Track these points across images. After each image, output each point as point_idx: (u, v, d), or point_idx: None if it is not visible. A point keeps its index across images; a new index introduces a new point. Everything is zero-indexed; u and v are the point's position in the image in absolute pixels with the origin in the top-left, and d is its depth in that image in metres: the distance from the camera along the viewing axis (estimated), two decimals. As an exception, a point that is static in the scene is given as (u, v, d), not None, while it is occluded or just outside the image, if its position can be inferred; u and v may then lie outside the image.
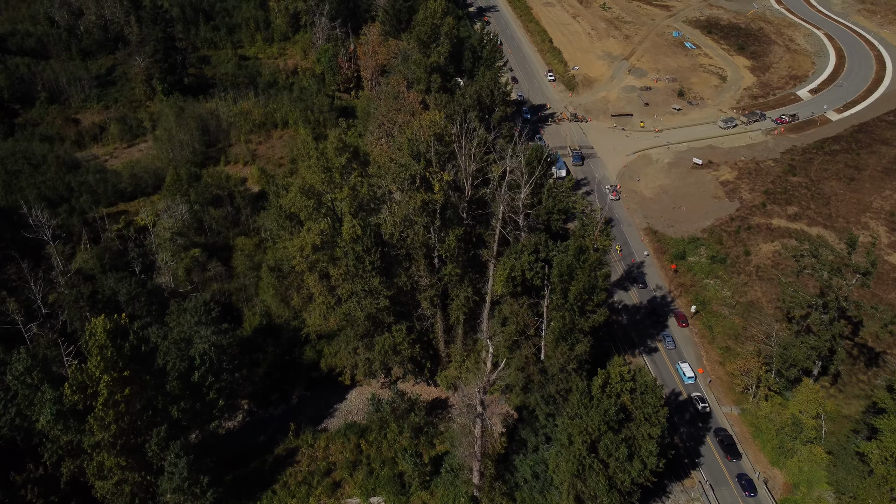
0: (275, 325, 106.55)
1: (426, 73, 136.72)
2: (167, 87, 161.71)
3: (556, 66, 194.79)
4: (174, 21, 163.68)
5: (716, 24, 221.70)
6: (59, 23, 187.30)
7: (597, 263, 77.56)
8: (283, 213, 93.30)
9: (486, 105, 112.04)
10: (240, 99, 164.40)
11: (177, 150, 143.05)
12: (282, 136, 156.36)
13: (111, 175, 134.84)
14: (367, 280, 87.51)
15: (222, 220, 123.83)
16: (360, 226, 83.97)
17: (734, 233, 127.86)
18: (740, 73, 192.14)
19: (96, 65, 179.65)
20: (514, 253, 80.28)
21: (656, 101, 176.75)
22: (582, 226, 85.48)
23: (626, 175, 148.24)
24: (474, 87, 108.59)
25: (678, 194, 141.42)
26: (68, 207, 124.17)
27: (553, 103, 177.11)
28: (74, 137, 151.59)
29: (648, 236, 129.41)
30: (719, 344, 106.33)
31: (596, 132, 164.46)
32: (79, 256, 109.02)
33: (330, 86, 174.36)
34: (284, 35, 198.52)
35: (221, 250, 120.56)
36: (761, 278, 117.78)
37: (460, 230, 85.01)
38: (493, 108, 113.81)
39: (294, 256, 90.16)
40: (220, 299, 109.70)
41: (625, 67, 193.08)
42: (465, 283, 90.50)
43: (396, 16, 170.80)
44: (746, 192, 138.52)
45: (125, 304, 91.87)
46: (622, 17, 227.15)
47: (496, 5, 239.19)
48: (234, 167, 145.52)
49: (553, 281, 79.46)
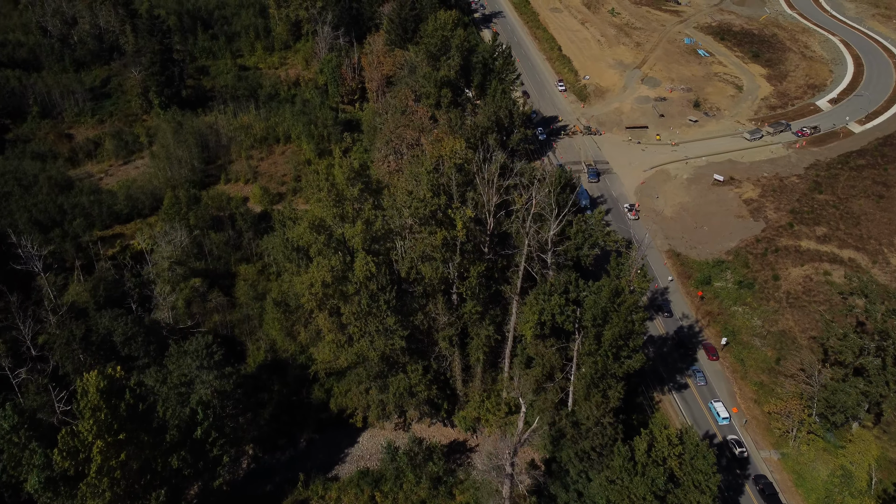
0: (280, 361, 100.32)
1: (436, 88, 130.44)
2: (164, 101, 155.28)
3: (567, 75, 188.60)
4: (171, 32, 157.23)
5: (728, 30, 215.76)
6: (52, 32, 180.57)
7: (633, 307, 71.46)
8: (289, 246, 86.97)
9: (504, 126, 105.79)
10: (240, 112, 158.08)
11: (175, 168, 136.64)
12: (284, 152, 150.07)
13: (106, 196, 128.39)
14: (382, 319, 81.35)
15: (223, 245, 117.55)
16: (374, 263, 77.77)
17: (761, 255, 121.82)
18: (756, 81, 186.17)
19: (90, 76, 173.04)
20: (543, 294, 74.15)
21: (671, 113, 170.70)
22: (617, 265, 79.36)
23: (644, 192, 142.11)
24: (492, 108, 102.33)
25: (699, 213, 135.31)
26: (61, 232, 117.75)
27: (565, 115, 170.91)
28: (68, 154, 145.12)
29: (671, 259, 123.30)
30: (752, 379, 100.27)
31: (610, 146, 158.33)
32: (71, 288, 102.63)
33: (333, 97, 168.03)
34: (285, 43, 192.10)
35: (223, 277, 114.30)
36: (792, 306, 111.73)
37: (482, 266, 78.88)
38: (511, 129, 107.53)
39: (302, 294, 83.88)
40: (221, 332, 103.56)
41: (637, 76, 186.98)
42: (486, 322, 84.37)
43: (402, 25, 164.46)
44: (771, 211, 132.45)
45: (121, 345, 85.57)
46: (632, 23, 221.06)
47: (502, 11, 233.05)
48: (234, 186, 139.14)
49: (585, 324, 73.37)
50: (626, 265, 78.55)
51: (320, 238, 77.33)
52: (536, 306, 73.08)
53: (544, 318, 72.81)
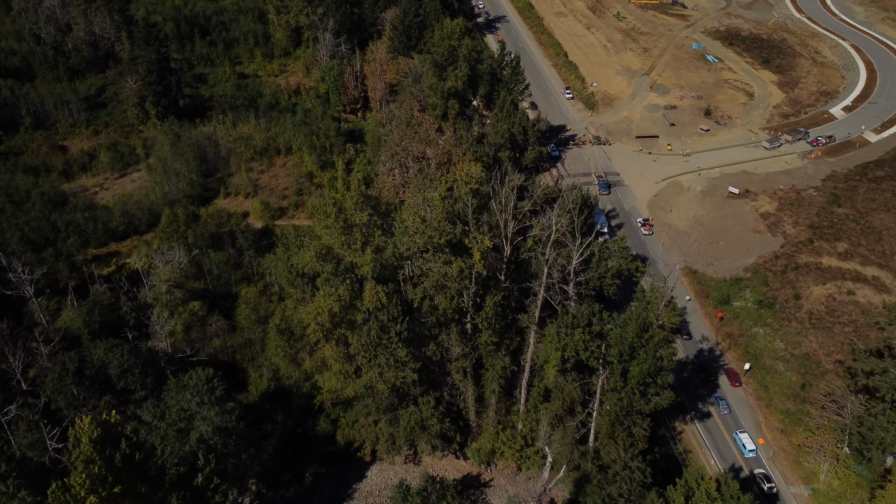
0: (284, 389, 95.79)
1: (443, 99, 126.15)
2: (161, 111, 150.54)
3: (574, 82, 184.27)
4: (168, 40, 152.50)
5: (736, 35, 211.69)
6: (45, 39, 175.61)
7: (662, 342, 67.19)
8: (294, 271, 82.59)
9: (518, 143, 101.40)
10: (239, 122, 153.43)
11: (172, 181, 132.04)
12: (285, 164, 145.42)
13: (101, 212, 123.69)
14: (392, 350, 76.96)
15: (223, 265, 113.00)
16: (384, 293, 73.37)
17: (780, 273, 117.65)
18: (767, 88, 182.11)
19: (85, 85, 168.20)
20: (564, 327, 69.80)
21: (682, 122, 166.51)
22: (644, 298, 75.08)
23: (657, 205, 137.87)
24: (505, 124, 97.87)
25: (715, 227, 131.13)
26: (54, 251, 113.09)
27: (573, 124, 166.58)
28: (61, 167, 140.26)
29: (688, 277, 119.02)
30: (777, 406, 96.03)
31: (620, 156, 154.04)
32: (65, 314, 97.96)
33: (335, 106, 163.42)
34: (285, 50, 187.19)
35: (223, 299, 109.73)
36: (815, 327, 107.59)
37: (499, 296, 74.51)
38: (525, 146, 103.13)
39: (308, 324, 79.47)
40: (222, 358, 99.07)
41: (646, 83, 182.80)
42: (501, 352, 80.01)
43: (406, 32, 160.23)
44: (790, 225, 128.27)
45: (116, 378, 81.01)
46: (638, 27, 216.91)
47: (505, 15, 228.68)
48: (234, 200, 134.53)
49: (610, 360, 69.09)
50: (654, 298, 74.26)
51: (327, 267, 72.88)
52: (559, 342, 68.77)
53: (567, 355, 68.51)
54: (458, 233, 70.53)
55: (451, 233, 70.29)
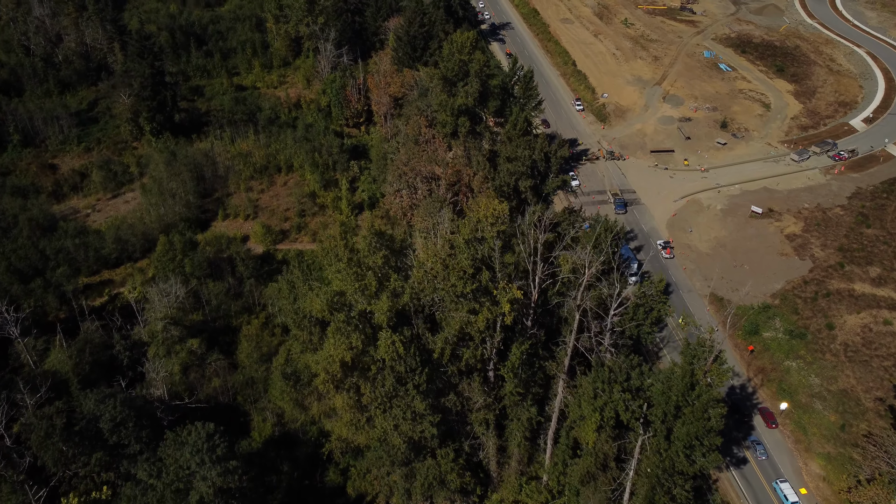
0: (290, 434, 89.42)
1: (453, 117, 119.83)
2: (156, 127, 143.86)
3: (583, 92, 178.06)
4: (163, 54, 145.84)
5: (748, 42, 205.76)
6: (35, 51, 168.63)
7: (711, 401, 61.11)
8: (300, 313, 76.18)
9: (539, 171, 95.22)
10: (238, 138, 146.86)
11: (168, 203, 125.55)
12: (286, 183, 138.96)
13: (93, 238, 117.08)
14: (409, 402, 70.68)
15: (223, 295, 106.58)
16: (401, 343, 67.04)
17: (811, 300, 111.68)
18: (784, 99, 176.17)
19: (76, 99, 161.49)
20: (601, 382, 63.66)
21: (698, 135, 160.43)
22: (690, 352, 68.94)
23: (676, 225, 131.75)
24: (527, 152, 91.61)
25: (738, 249, 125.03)
26: (42, 283, 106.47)
27: (584, 137, 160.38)
28: (51, 188, 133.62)
29: (714, 305, 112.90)
30: (817, 450, 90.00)
31: (636, 172, 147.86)
32: (53, 355, 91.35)
33: (337, 120, 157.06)
34: (284, 60, 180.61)
35: (223, 333, 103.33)
36: (852, 360, 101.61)
37: (526, 345, 68.26)
38: (546, 173, 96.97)
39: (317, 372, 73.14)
40: (222, 400, 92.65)
41: (658, 94, 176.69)
42: (527, 402, 73.77)
43: (411, 43, 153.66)
44: (818, 248, 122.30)
45: (108, 433, 74.47)
46: (647, 34, 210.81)
47: (510, 22, 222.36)
48: (233, 223, 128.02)
49: (651, 419, 62.96)
50: (700, 352, 68.19)
51: (339, 316, 66.52)
52: (596, 401, 62.68)
53: (607, 416, 62.43)
54: (484, 281, 64.35)
55: (477, 281, 64.10)
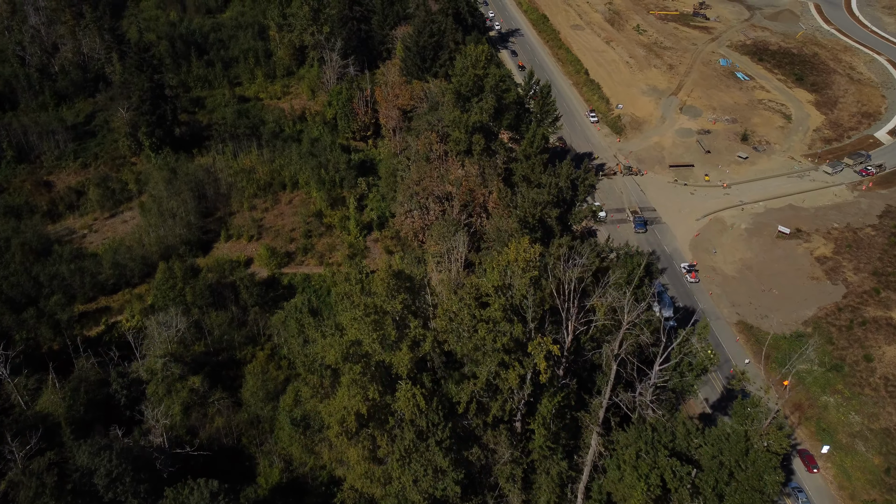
0: (298, 481, 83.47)
1: (467, 135, 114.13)
2: (155, 142, 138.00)
3: (597, 103, 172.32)
4: (162, 66, 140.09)
5: (765, 50, 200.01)
6: (30, 61, 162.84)
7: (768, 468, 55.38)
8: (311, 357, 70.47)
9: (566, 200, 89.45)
10: (240, 152, 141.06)
11: (168, 224, 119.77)
12: (291, 201, 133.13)
13: (89, 263, 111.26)
14: (430, 458, 64.95)
15: (226, 325, 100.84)
16: (422, 396, 61.28)
17: (846, 329, 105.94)
18: (805, 110, 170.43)
19: (73, 111, 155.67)
20: (644, 444, 57.98)
21: (718, 148, 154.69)
22: (743, 412, 63.20)
23: (700, 246, 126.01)
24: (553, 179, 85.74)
25: (766, 272, 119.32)
26: (35, 312, 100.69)
27: (600, 151, 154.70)
28: (46, 207, 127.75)
29: (743, 334, 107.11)
30: (861, 497, 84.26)
31: (655, 188, 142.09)
32: (45, 396, 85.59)
33: (344, 133, 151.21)
34: (288, 69, 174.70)
35: (226, 366, 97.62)
36: (893, 395, 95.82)
37: (558, 397, 62.50)
38: (573, 202, 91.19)
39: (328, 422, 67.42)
40: (226, 442, 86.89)
41: (675, 105, 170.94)
42: (557, 456, 67.98)
43: (420, 53, 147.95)
44: (851, 272, 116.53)
45: (104, 489, 68.76)
46: (660, 41, 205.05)
47: (519, 28, 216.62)
48: (236, 244, 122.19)
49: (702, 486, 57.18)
50: (756, 414, 62.50)
51: (355, 368, 60.76)
52: (640, 466, 56.94)
53: (652, 483, 56.69)
54: (517, 333, 58.65)
55: (509, 334, 58.37)
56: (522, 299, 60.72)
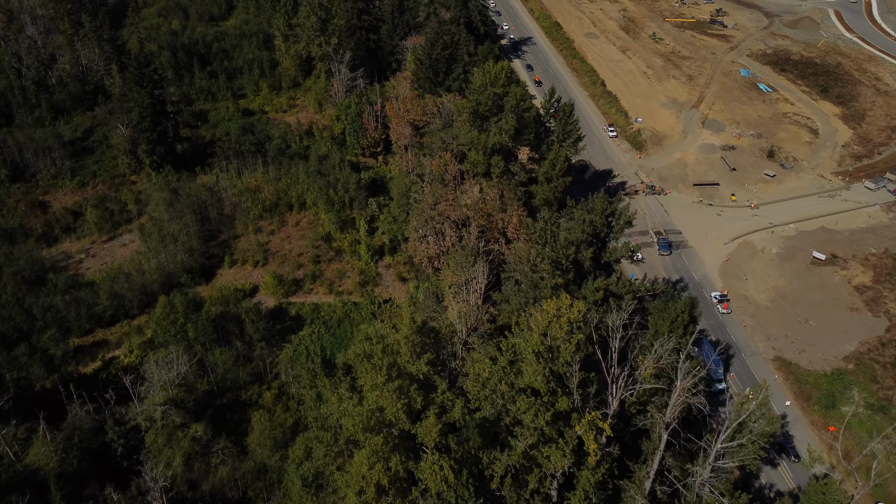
0: (309, 539, 77.11)
1: (485, 156, 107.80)
2: (156, 161, 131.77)
3: (615, 116, 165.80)
4: (163, 81, 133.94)
5: (787, 60, 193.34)
6: (27, 73, 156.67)
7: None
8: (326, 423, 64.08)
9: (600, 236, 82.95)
10: (245, 170, 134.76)
11: (169, 249, 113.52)
12: (299, 223, 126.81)
13: (85, 293, 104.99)
14: (457, 532, 58.43)
15: (230, 363, 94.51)
16: (450, 468, 54.85)
17: (891, 366, 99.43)
18: (832, 124, 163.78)
19: (71, 126, 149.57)
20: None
21: (743, 165, 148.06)
22: (817, 498, 56.66)
23: (730, 272, 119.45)
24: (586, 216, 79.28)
25: (801, 302, 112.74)
26: (28, 348, 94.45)
27: (620, 167, 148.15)
28: (42, 230, 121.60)
29: (781, 371, 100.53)
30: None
31: (679, 208, 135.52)
32: (35, 447, 79.16)
33: (352, 149, 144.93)
34: (294, 80, 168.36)
35: (231, 408, 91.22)
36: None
37: (602, 470, 56.01)
38: (607, 238, 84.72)
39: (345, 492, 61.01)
40: (231, 495, 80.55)
41: (696, 118, 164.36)
42: (597, 526, 61.40)
43: (433, 67, 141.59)
44: (893, 302, 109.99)
45: (98, 563, 62.59)
46: (678, 50, 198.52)
47: (532, 37, 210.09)
48: (241, 271, 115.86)
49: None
50: (832, 499, 56.09)
51: (377, 440, 54.33)
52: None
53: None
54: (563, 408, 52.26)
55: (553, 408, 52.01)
56: (566, 366, 54.40)
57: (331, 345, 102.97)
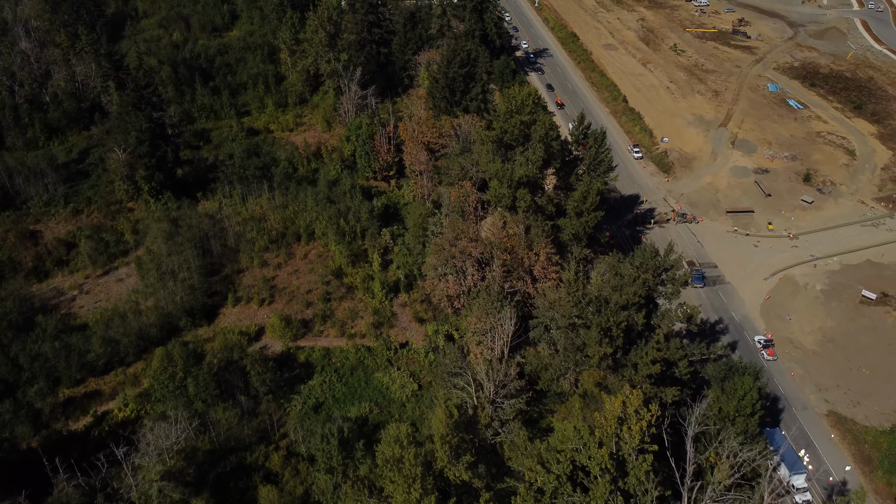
0: None
1: (511, 189, 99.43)
2: (155, 187, 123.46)
3: (639, 136, 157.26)
4: (163, 103, 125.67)
5: (816, 74, 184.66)
6: (19, 91, 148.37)
7: None
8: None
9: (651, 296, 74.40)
10: (249, 196, 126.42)
11: (168, 287, 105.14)
12: (307, 255, 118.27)
13: (77, 339, 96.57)
14: None
15: (235, 421, 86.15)
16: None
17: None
18: (869, 144, 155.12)
19: (65, 147, 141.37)
20: None
21: (778, 190, 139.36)
22: None
23: (772, 312, 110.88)
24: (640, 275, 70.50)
25: (851, 346, 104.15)
26: (13, 405, 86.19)
27: (647, 192, 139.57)
28: (32, 263, 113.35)
29: (837, 428, 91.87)
30: None
31: (713, 238, 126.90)
32: (17, 529, 71.10)
33: (363, 172, 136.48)
34: (300, 96, 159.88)
35: (235, 474, 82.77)
36: None
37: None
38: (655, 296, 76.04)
39: None
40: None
41: (725, 138, 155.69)
42: None
43: (449, 86, 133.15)
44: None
45: None
46: (701, 63, 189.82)
47: (548, 48, 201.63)
48: (245, 310, 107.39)
49: None
50: None
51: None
52: None
53: None
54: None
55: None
56: (639, 484, 45.92)
57: (343, 395, 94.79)
